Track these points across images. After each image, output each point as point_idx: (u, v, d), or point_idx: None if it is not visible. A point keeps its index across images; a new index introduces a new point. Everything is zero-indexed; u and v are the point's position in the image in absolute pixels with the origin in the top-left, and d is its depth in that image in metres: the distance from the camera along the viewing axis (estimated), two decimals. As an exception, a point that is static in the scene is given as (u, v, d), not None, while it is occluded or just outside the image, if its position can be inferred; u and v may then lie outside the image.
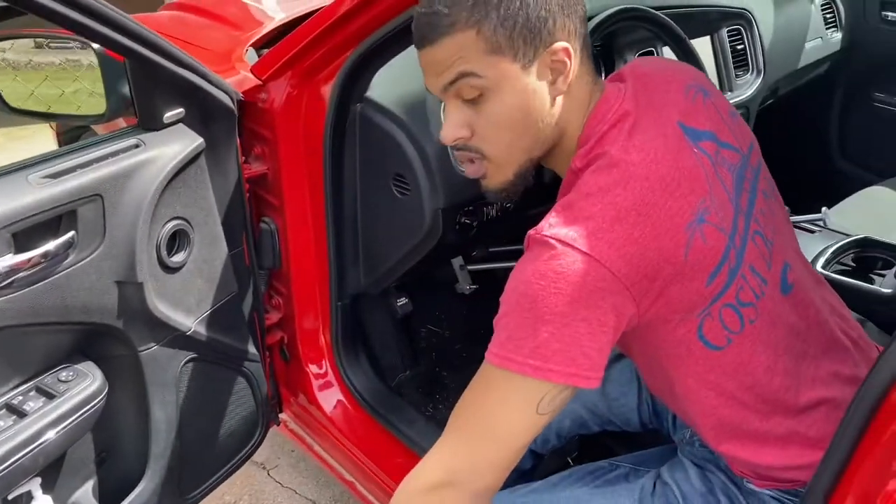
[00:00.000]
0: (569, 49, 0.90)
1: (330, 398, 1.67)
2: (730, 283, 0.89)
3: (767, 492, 1.02)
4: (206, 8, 2.15)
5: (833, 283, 1.43)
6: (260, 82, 1.45)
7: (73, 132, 2.29)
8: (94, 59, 1.29)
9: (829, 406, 0.98)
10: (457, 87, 0.91)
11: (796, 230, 1.86)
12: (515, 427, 0.87)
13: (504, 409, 0.87)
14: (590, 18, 1.50)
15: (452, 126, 0.94)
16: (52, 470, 1.18)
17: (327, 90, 1.42)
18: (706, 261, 0.87)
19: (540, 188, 1.36)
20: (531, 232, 0.86)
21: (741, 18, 2.08)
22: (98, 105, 1.33)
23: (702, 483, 1.08)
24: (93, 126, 1.85)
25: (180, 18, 2.14)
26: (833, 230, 1.84)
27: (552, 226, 0.84)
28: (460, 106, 0.93)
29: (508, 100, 0.91)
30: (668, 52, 1.76)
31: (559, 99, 0.93)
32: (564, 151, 0.97)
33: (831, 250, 1.68)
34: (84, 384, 1.15)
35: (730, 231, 0.90)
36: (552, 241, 0.82)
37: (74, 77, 1.52)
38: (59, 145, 2.37)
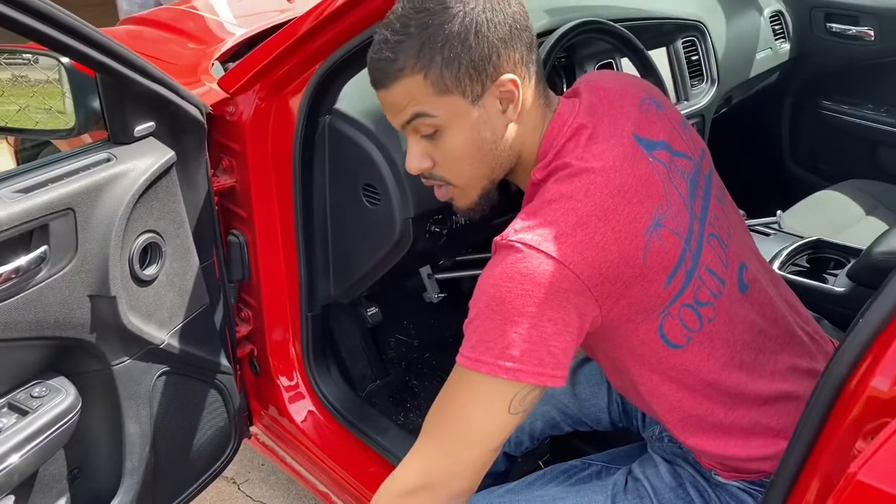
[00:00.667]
0: (515, 80, 0.94)
1: (301, 410, 1.67)
2: (687, 283, 0.94)
3: (735, 483, 1.05)
4: (166, 22, 2.15)
5: (789, 283, 1.48)
6: (228, 95, 1.46)
7: (31, 150, 2.26)
8: (44, 75, 1.29)
9: (789, 398, 1.03)
10: (413, 125, 0.97)
11: (752, 233, 1.94)
12: (489, 428, 0.90)
13: (477, 411, 0.89)
14: (551, 32, 1.55)
15: (414, 158, 1.00)
16: (24, 488, 1.16)
17: (296, 102, 1.44)
18: (664, 263, 0.91)
19: (506, 198, 1.39)
20: (497, 238, 0.90)
21: (695, 30, 2.15)
22: (63, 119, 1.33)
23: (672, 477, 1.11)
24: (55, 142, 1.83)
25: (139, 33, 2.13)
26: (787, 232, 1.90)
27: (517, 231, 0.88)
28: (420, 140, 0.99)
29: (461, 134, 0.96)
30: (626, 63, 1.81)
31: (511, 125, 0.98)
32: (524, 167, 1.02)
33: (786, 252, 1.75)
34: (57, 400, 1.14)
35: (685, 235, 0.94)
36: (518, 245, 0.86)
37: (31, 93, 1.51)
38: (18, 162, 2.34)
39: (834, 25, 2.57)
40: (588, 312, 0.88)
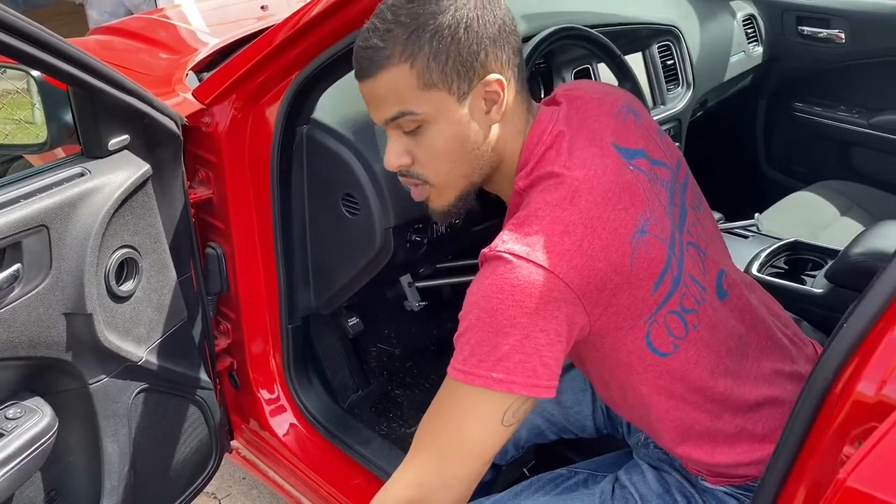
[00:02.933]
0: (502, 80, 0.94)
1: (283, 422, 1.66)
2: (673, 290, 0.94)
3: (721, 488, 1.06)
4: (137, 32, 2.12)
5: (768, 285, 1.50)
6: (203, 106, 1.44)
7: (0, 165, 2.22)
8: (11, 85, 1.27)
9: (773, 403, 1.03)
10: (396, 122, 0.95)
11: (731, 236, 1.95)
12: (482, 440, 0.90)
13: (470, 424, 0.89)
14: (529, 38, 1.55)
15: (394, 155, 0.98)
16: (-1, 512, 1.14)
17: (273, 112, 1.42)
18: (650, 270, 0.91)
19: (485, 206, 1.39)
20: (485, 250, 0.89)
21: (670, 35, 2.17)
22: (34, 132, 1.30)
23: (658, 484, 1.11)
24: (27, 156, 1.80)
25: (110, 43, 2.10)
26: (765, 235, 1.92)
27: (505, 242, 0.87)
28: (401, 136, 0.97)
29: (445, 130, 0.94)
30: (603, 69, 1.82)
31: (494, 127, 0.97)
32: (505, 175, 1.02)
33: (765, 254, 1.76)
34: (33, 421, 1.11)
35: (669, 241, 0.94)
36: (507, 256, 0.86)
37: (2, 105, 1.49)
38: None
39: (805, 28, 2.60)
40: (577, 321, 0.88)
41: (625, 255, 0.88)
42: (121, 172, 1.19)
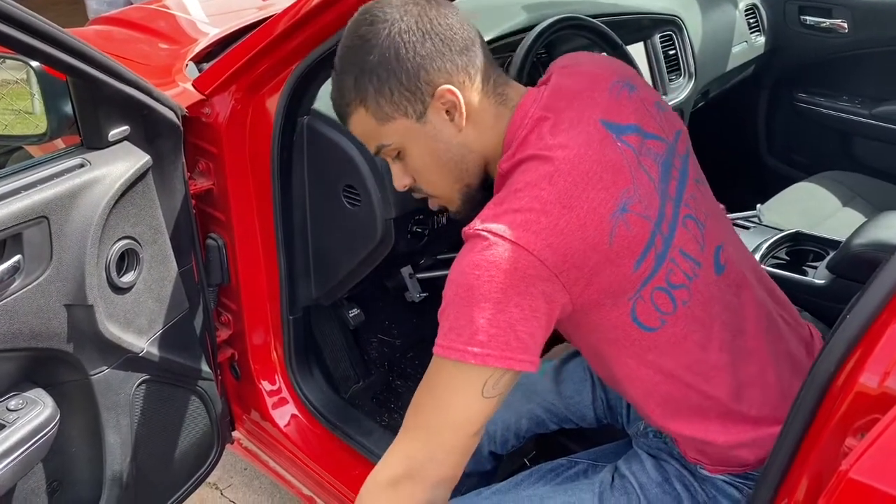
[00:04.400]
0: (452, 89, 0.97)
1: (284, 413, 1.66)
2: (658, 267, 0.95)
3: (721, 476, 1.06)
4: (136, 22, 2.11)
5: (769, 276, 1.49)
6: (203, 97, 1.43)
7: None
8: (10, 76, 1.26)
9: (766, 383, 1.04)
10: (381, 153, 1.04)
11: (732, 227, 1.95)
12: (465, 413, 0.92)
13: (452, 397, 0.92)
14: (530, 28, 1.54)
15: (396, 178, 1.07)
16: (1, 502, 1.14)
17: (273, 103, 1.41)
18: (632, 247, 0.92)
19: (487, 197, 1.38)
20: (465, 229, 0.92)
21: (672, 24, 2.16)
22: (33, 123, 1.30)
23: (658, 473, 1.12)
24: (26, 147, 1.79)
25: (109, 34, 2.09)
26: (767, 225, 1.91)
27: (484, 220, 0.90)
28: (394, 161, 1.06)
29: (419, 150, 1.02)
30: (605, 59, 1.81)
31: (465, 129, 1.00)
32: (495, 164, 1.04)
33: (766, 245, 1.76)
34: (34, 412, 1.11)
35: (655, 219, 0.95)
36: (484, 234, 0.88)
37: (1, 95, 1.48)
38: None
39: (808, 18, 2.59)
40: (557, 299, 0.90)
41: (603, 233, 0.90)
42: (121, 163, 1.19)
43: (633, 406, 1.16)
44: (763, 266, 1.69)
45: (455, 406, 0.92)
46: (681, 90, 2.15)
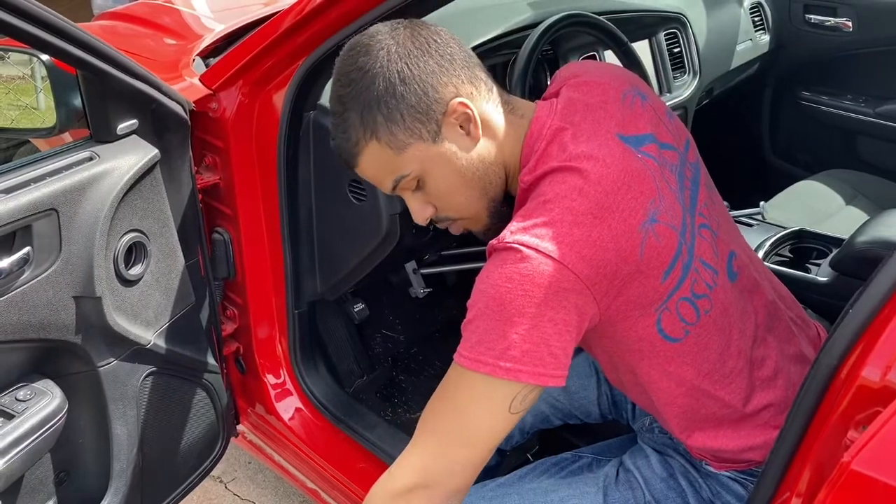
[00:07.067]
0: (464, 101, 0.95)
1: (289, 407, 1.66)
2: (684, 277, 0.94)
3: (725, 473, 1.07)
4: (142, 17, 2.11)
5: (773, 273, 1.50)
6: (210, 92, 1.44)
7: (7, 151, 2.22)
8: (16, 71, 1.27)
9: (777, 385, 1.04)
10: (399, 187, 0.99)
11: (737, 224, 1.95)
12: (488, 427, 0.90)
13: (477, 411, 0.89)
14: (535, 25, 1.55)
15: (417, 212, 1.03)
16: (9, 492, 1.15)
17: (280, 98, 1.42)
18: (660, 258, 0.91)
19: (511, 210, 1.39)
20: (493, 241, 0.89)
21: (676, 22, 2.16)
22: (40, 117, 1.31)
23: (662, 468, 1.12)
24: (34, 141, 1.80)
25: (114, 29, 2.10)
26: (770, 223, 1.92)
27: (514, 233, 0.88)
28: (412, 194, 1.01)
29: (440, 173, 0.97)
30: (610, 56, 1.81)
31: (482, 142, 0.98)
32: (513, 175, 1.02)
33: (770, 242, 1.76)
34: (43, 403, 1.12)
35: (680, 228, 0.94)
36: (516, 247, 0.86)
37: (4, 90, 1.49)
38: (-5, 162, 2.30)
39: (812, 17, 2.59)
40: (587, 311, 0.88)
41: (635, 244, 0.88)
42: (129, 157, 1.20)
43: (649, 414, 1.15)
44: (766, 264, 1.69)
45: (479, 420, 0.89)
46: (685, 88, 2.15)
